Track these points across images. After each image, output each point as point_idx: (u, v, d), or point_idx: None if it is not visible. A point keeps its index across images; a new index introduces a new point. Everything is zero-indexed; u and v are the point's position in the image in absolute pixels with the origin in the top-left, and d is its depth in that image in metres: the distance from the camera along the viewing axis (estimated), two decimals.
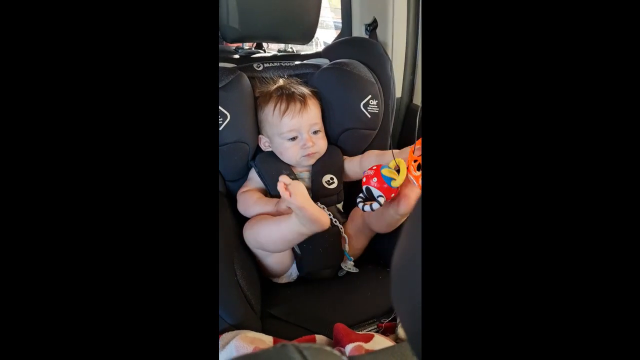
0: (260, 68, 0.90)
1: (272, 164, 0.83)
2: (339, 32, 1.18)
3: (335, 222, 0.82)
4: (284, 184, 0.66)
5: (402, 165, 0.67)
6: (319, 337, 0.65)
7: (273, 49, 1.12)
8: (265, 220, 0.75)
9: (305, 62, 0.96)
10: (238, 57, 0.97)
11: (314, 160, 0.85)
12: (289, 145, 0.82)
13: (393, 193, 0.69)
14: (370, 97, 0.87)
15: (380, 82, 0.90)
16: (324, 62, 0.95)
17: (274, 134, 0.83)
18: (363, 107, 0.87)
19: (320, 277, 0.83)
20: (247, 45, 1.07)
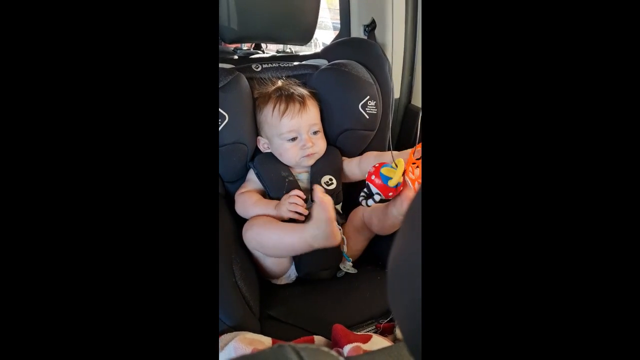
0: (259, 69, 0.90)
1: (271, 165, 0.83)
2: (338, 32, 1.18)
3: None
4: (320, 193, 0.68)
5: (400, 165, 0.67)
6: (318, 338, 0.65)
7: (272, 50, 1.12)
8: (271, 225, 0.74)
9: (304, 62, 0.96)
10: (236, 57, 0.97)
11: (314, 161, 0.85)
12: (289, 146, 0.82)
13: (391, 192, 0.69)
14: (369, 97, 0.87)
15: (379, 82, 0.90)
16: (323, 62, 0.95)
17: (274, 135, 0.82)
18: (361, 107, 0.87)
19: (319, 278, 0.83)
20: (245, 46, 1.07)
